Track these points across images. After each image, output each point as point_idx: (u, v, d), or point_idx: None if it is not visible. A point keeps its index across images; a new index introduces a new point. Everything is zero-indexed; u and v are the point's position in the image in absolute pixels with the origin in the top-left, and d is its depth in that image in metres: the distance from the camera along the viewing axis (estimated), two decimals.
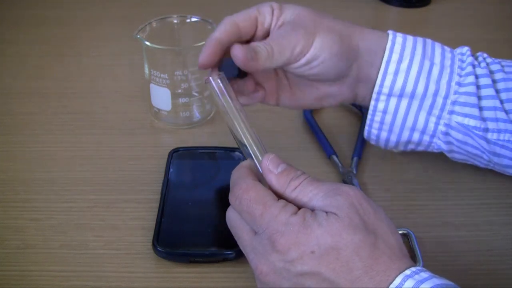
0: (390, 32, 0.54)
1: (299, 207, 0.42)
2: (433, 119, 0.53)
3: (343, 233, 0.39)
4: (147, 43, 0.62)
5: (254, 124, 0.66)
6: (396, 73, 0.52)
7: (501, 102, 0.52)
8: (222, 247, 0.50)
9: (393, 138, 0.56)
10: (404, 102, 0.53)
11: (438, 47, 0.55)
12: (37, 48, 0.82)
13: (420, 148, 0.56)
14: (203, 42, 0.62)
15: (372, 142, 0.58)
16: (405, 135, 0.55)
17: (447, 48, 0.55)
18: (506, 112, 0.52)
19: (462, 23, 0.92)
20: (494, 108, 0.52)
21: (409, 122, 0.54)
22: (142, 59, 0.64)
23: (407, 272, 0.38)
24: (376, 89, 0.53)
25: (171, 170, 0.58)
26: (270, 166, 0.44)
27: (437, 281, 0.38)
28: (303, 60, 0.50)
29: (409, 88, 0.53)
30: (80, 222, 0.54)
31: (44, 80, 0.75)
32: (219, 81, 0.48)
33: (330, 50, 0.51)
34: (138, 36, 0.62)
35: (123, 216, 0.54)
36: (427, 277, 0.38)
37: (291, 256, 0.39)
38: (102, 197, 0.56)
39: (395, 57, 0.53)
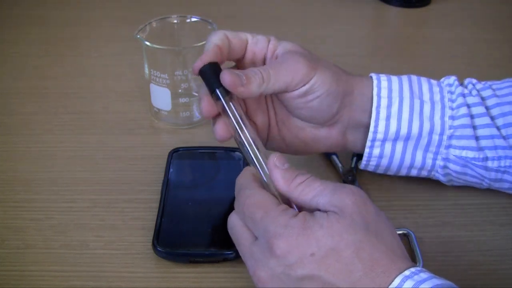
0: (374, 76, 0.53)
1: (302, 204, 0.42)
2: (430, 156, 0.53)
3: (344, 234, 0.39)
4: (147, 43, 0.62)
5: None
6: (388, 118, 0.52)
7: (498, 128, 0.52)
8: (222, 247, 0.50)
9: (391, 173, 0.56)
10: (399, 145, 0.53)
11: (424, 82, 0.54)
12: (37, 48, 0.82)
13: (422, 176, 0.56)
14: (203, 42, 0.62)
15: None
16: (402, 172, 0.55)
17: (433, 82, 0.54)
18: (504, 138, 0.52)
19: (462, 23, 0.92)
20: (492, 137, 0.52)
21: (406, 162, 0.54)
22: (142, 59, 0.64)
23: (407, 272, 0.38)
24: (370, 136, 0.52)
25: (171, 170, 0.58)
26: (277, 162, 0.44)
27: (436, 281, 0.38)
28: (302, 89, 0.49)
29: (403, 131, 0.52)
30: (80, 222, 0.54)
31: (44, 80, 0.75)
32: (231, 104, 0.47)
33: (329, 87, 0.50)
34: (138, 36, 0.62)
35: (123, 216, 0.54)
36: (427, 278, 0.38)
37: (290, 260, 0.39)
38: (102, 197, 0.56)
39: (384, 102, 0.52)
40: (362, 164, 0.55)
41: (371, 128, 0.52)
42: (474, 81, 0.55)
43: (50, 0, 0.96)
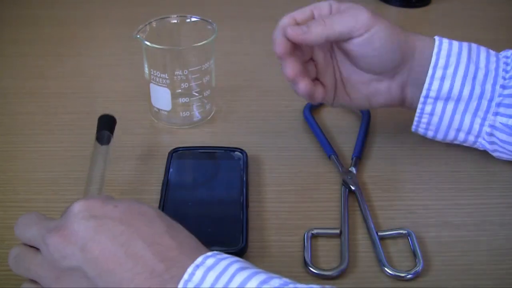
0: (437, 38, 0.56)
1: None
2: (478, 121, 0.55)
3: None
4: (147, 43, 0.62)
5: (255, 125, 0.67)
6: (442, 78, 0.55)
7: None
8: (222, 247, 0.50)
9: (439, 137, 0.58)
10: (450, 105, 0.55)
11: (483, 51, 0.56)
12: (36, 48, 0.82)
13: (465, 145, 0.58)
14: (203, 42, 0.62)
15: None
16: (451, 135, 0.57)
17: (492, 52, 0.57)
18: None
19: (462, 23, 0.92)
20: None
21: (455, 124, 0.56)
22: (142, 59, 0.64)
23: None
24: (423, 93, 0.55)
25: (171, 170, 0.58)
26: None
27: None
28: (366, 36, 0.53)
29: (455, 92, 0.55)
30: None
31: (44, 80, 0.75)
32: None
33: (391, 37, 0.53)
34: (138, 36, 0.62)
35: None
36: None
37: (89, 213, 0.40)
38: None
39: (441, 62, 0.54)
40: (414, 124, 0.58)
41: (425, 85, 0.55)
42: None
43: (50, 0, 0.96)
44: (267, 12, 0.92)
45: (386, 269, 0.49)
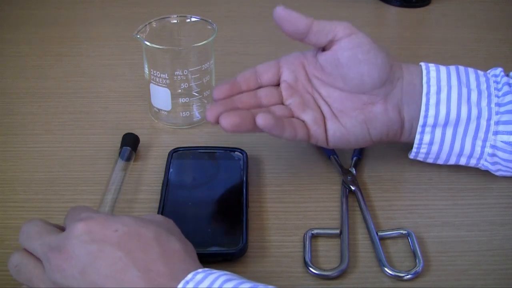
0: (422, 65, 0.55)
1: None
2: (479, 143, 0.55)
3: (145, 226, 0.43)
4: (147, 43, 0.62)
5: None
6: (437, 103, 0.54)
7: None
8: (222, 246, 0.50)
9: (440, 162, 0.57)
10: (449, 131, 0.55)
11: (471, 72, 0.56)
12: (37, 48, 0.82)
13: (471, 165, 0.57)
14: (203, 42, 0.62)
15: None
16: (452, 160, 0.57)
17: (480, 72, 0.56)
18: None
19: (462, 23, 0.92)
20: None
21: (456, 149, 0.55)
22: (142, 59, 0.64)
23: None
24: (420, 122, 0.54)
25: (171, 170, 0.58)
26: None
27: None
28: (348, 42, 0.53)
29: (453, 115, 0.54)
30: None
31: (44, 80, 0.75)
32: None
33: (377, 50, 0.54)
34: (138, 36, 0.62)
35: None
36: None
37: (90, 236, 0.42)
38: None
39: (433, 89, 0.54)
40: (413, 153, 0.57)
41: (422, 113, 0.54)
42: None
43: (50, 0, 0.96)
44: (267, 12, 0.92)
45: (386, 269, 0.49)
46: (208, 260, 0.49)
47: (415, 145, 0.56)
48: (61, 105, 0.70)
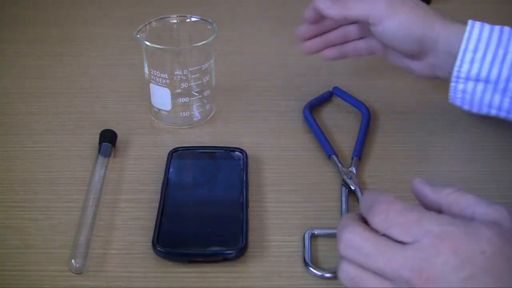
0: (469, 23, 0.58)
1: (456, 212, 0.40)
2: (507, 100, 0.57)
3: (509, 244, 0.37)
4: (147, 43, 0.62)
5: (255, 125, 0.67)
6: (471, 62, 0.57)
7: None
8: (222, 247, 0.50)
9: (474, 110, 0.60)
10: (480, 86, 0.58)
11: None
12: (36, 48, 0.82)
13: (502, 116, 0.60)
14: (203, 42, 0.62)
15: None
16: (483, 110, 0.60)
17: None
18: None
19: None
20: None
21: (486, 101, 0.59)
22: (142, 59, 0.64)
23: None
24: (454, 73, 0.58)
25: (170, 170, 0.58)
26: (420, 180, 0.43)
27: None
28: (379, 27, 0.60)
29: (483, 74, 0.57)
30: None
31: (44, 80, 0.75)
32: None
33: (404, 31, 0.59)
34: (138, 36, 0.62)
35: (123, 216, 0.54)
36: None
37: (459, 258, 0.36)
38: (102, 197, 0.56)
39: (471, 47, 0.57)
40: (450, 96, 0.60)
41: (455, 67, 0.58)
42: None
43: (50, 0, 0.96)
44: (267, 12, 0.93)
45: None
46: (208, 260, 0.50)
47: (450, 90, 0.59)
48: (61, 105, 0.70)
